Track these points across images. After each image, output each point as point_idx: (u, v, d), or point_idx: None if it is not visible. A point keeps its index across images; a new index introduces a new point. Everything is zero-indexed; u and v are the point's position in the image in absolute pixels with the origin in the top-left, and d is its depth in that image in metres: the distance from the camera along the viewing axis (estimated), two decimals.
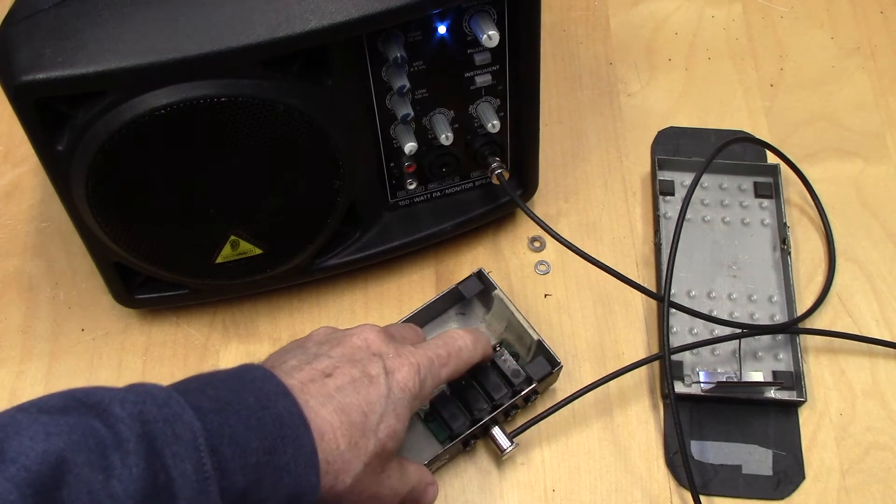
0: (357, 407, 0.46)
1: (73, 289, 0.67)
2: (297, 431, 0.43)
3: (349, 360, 0.49)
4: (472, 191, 0.66)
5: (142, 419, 0.39)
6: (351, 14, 0.50)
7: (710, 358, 0.64)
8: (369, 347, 0.50)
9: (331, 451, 0.44)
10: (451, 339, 0.54)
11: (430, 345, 0.53)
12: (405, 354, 0.50)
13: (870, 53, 0.79)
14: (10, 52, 0.48)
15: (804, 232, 0.70)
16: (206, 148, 0.52)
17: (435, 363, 0.51)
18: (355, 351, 0.50)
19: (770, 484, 0.60)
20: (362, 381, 0.48)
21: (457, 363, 0.53)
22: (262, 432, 0.42)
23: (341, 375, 0.47)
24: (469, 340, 0.54)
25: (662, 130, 0.74)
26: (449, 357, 0.52)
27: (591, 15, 0.80)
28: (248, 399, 0.43)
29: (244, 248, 0.59)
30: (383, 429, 0.47)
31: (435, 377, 0.51)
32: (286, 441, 0.43)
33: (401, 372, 0.49)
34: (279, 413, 0.43)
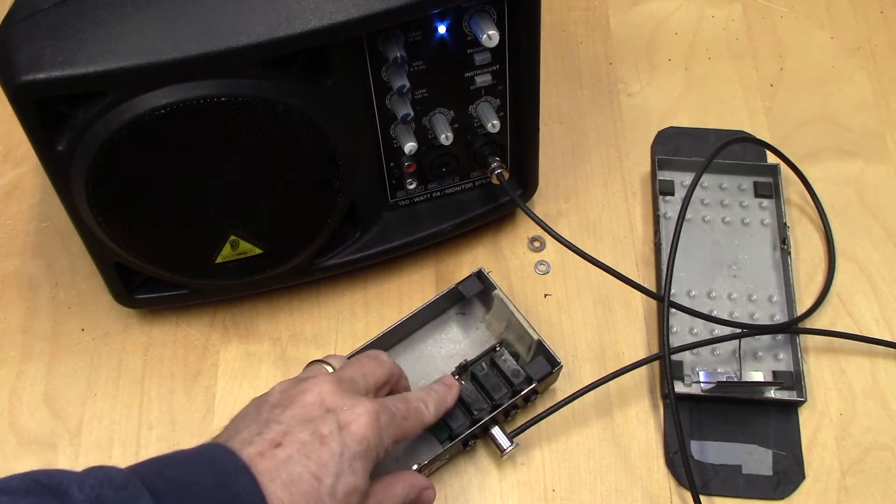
0: (308, 474, 0.45)
1: (73, 289, 0.67)
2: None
3: (300, 421, 0.47)
4: (472, 191, 0.66)
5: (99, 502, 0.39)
6: (351, 14, 0.50)
7: (710, 358, 0.64)
8: (323, 403, 0.49)
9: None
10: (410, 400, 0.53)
11: (390, 399, 0.52)
12: (361, 404, 0.49)
13: (870, 53, 0.79)
14: (10, 52, 0.48)
15: (804, 232, 0.70)
16: (206, 148, 0.52)
17: (396, 415, 0.50)
18: (308, 409, 0.48)
19: (770, 484, 0.60)
20: (313, 445, 0.46)
21: (414, 422, 0.52)
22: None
23: (291, 443, 0.46)
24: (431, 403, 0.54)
25: (662, 130, 0.74)
26: (408, 412, 0.52)
27: (591, 15, 0.80)
28: (207, 480, 0.43)
29: (244, 248, 0.59)
30: (341, 489, 0.46)
31: (396, 429, 0.50)
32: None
33: (357, 423, 0.47)
34: (238, 493, 0.43)
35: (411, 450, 0.60)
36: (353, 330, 0.65)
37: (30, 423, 0.62)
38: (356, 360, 0.54)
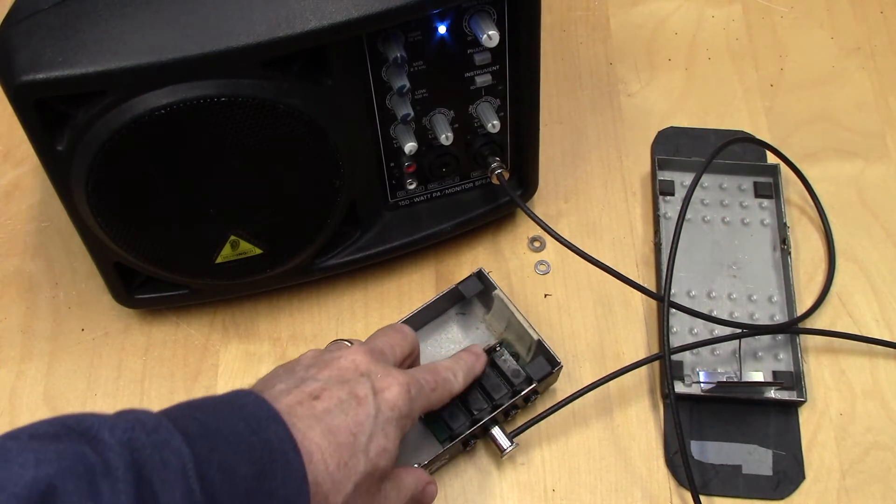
0: (345, 428, 0.46)
1: (73, 289, 0.67)
2: (286, 457, 0.43)
3: (337, 381, 0.49)
4: (472, 191, 0.66)
5: (131, 446, 0.39)
6: (351, 14, 0.50)
7: (710, 358, 0.64)
8: (357, 368, 0.50)
9: (319, 472, 0.44)
10: (438, 370, 0.54)
11: (420, 370, 0.53)
12: (393, 374, 0.50)
13: (870, 53, 0.79)
14: (10, 52, 0.48)
15: (804, 232, 0.70)
16: (206, 148, 0.52)
17: (424, 386, 0.52)
18: (343, 372, 0.50)
19: (770, 484, 0.60)
20: (350, 403, 0.47)
21: (442, 392, 0.54)
22: (251, 458, 0.42)
23: (329, 398, 0.47)
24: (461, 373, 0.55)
25: (662, 130, 0.74)
26: (437, 384, 0.53)
27: (591, 15, 0.80)
28: (238, 425, 0.43)
29: (244, 248, 0.59)
30: (373, 448, 0.47)
31: (425, 399, 0.52)
32: (275, 466, 0.42)
33: (390, 391, 0.49)
34: (269, 438, 0.43)
35: (411, 450, 0.60)
36: (353, 330, 0.65)
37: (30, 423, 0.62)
38: (382, 332, 0.56)
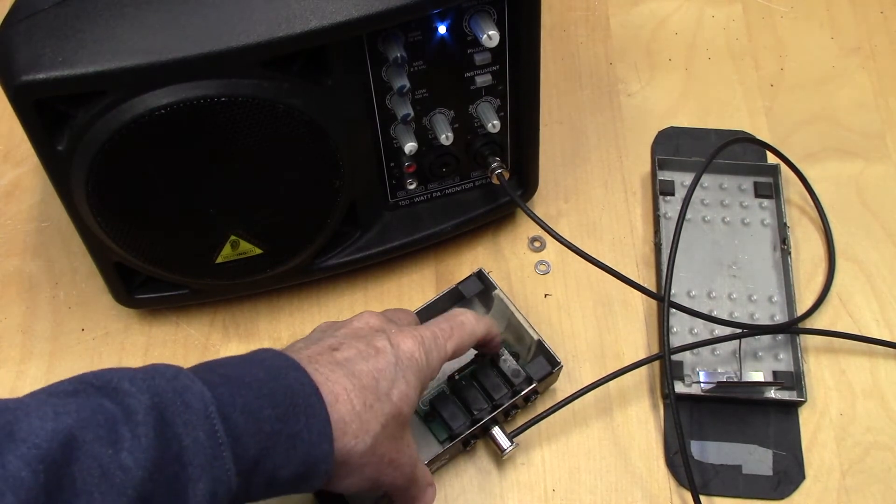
0: (368, 373, 0.47)
1: (73, 289, 0.67)
2: (308, 400, 0.44)
3: (353, 337, 0.50)
4: (472, 191, 0.66)
5: (151, 392, 0.39)
6: (351, 14, 0.50)
7: (710, 358, 0.64)
8: (371, 326, 0.52)
9: (346, 412, 0.45)
10: (453, 314, 0.55)
11: (431, 322, 0.54)
12: (407, 329, 0.51)
13: (870, 53, 0.79)
14: (10, 52, 0.48)
15: (804, 232, 0.70)
16: (206, 148, 0.52)
17: (439, 336, 0.52)
18: (358, 330, 0.51)
19: (770, 484, 0.60)
20: (369, 352, 0.49)
21: (461, 336, 0.53)
22: (273, 401, 0.43)
23: (348, 349, 0.49)
24: (471, 315, 0.55)
25: (662, 130, 0.74)
26: (452, 330, 0.53)
27: (591, 15, 0.80)
28: (259, 373, 0.44)
29: (244, 248, 0.59)
30: (396, 393, 0.48)
31: (440, 350, 0.52)
32: (298, 410, 0.43)
33: (405, 343, 0.50)
34: (290, 384, 0.44)
35: None
36: None
37: None
38: (387, 311, 0.57)
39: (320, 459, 0.44)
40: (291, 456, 0.43)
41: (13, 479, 0.34)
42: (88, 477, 0.36)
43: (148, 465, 0.37)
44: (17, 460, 0.34)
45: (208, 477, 0.39)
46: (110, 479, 0.36)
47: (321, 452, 0.44)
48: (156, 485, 0.38)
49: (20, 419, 0.36)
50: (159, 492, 0.38)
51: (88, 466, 0.36)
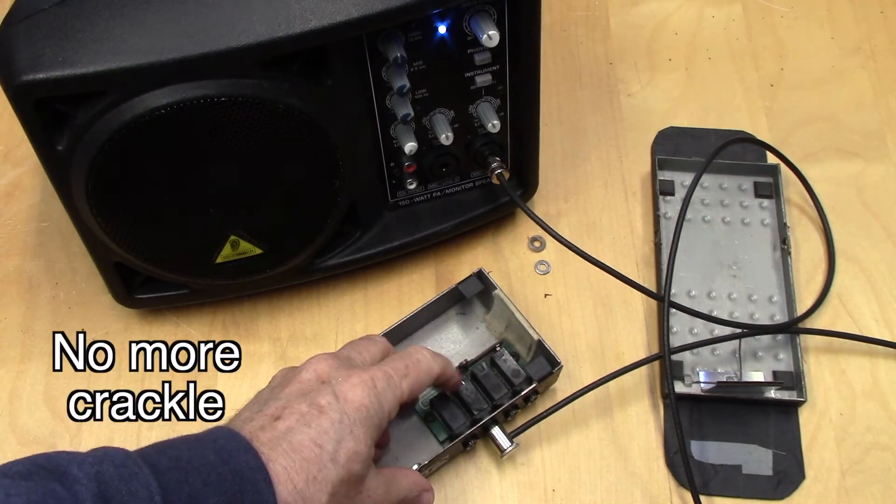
0: (309, 442, 0.46)
1: (73, 289, 0.67)
2: (257, 486, 0.43)
3: (298, 396, 0.49)
4: (472, 191, 0.66)
5: (98, 479, 0.40)
6: (351, 14, 0.50)
7: (710, 358, 0.64)
8: (319, 377, 0.50)
9: (288, 493, 0.44)
10: (409, 353, 0.54)
11: (386, 361, 0.53)
12: (356, 374, 0.50)
13: (870, 53, 0.79)
14: (10, 52, 0.48)
15: (804, 232, 0.70)
16: (207, 148, 0.52)
17: (393, 376, 0.51)
18: (304, 385, 0.50)
19: (770, 484, 0.60)
20: (311, 414, 0.47)
21: (416, 374, 0.52)
22: (221, 488, 0.42)
23: (289, 415, 0.47)
24: (427, 353, 0.54)
25: (662, 130, 0.74)
26: (407, 369, 0.52)
27: (591, 15, 0.80)
28: (209, 456, 0.43)
29: (244, 248, 0.59)
30: (343, 454, 0.46)
31: (395, 390, 0.50)
32: (246, 496, 0.43)
33: (353, 392, 0.48)
34: (240, 468, 0.43)
35: (411, 450, 0.60)
36: (353, 330, 0.65)
37: (30, 423, 0.62)
38: (350, 343, 0.56)
39: None
40: None
41: None
42: None
43: None
44: None
45: None
46: None
47: None
48: None
49: None
50: None
51: None
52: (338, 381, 0.49)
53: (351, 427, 0.47)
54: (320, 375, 0.50)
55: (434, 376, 0.54)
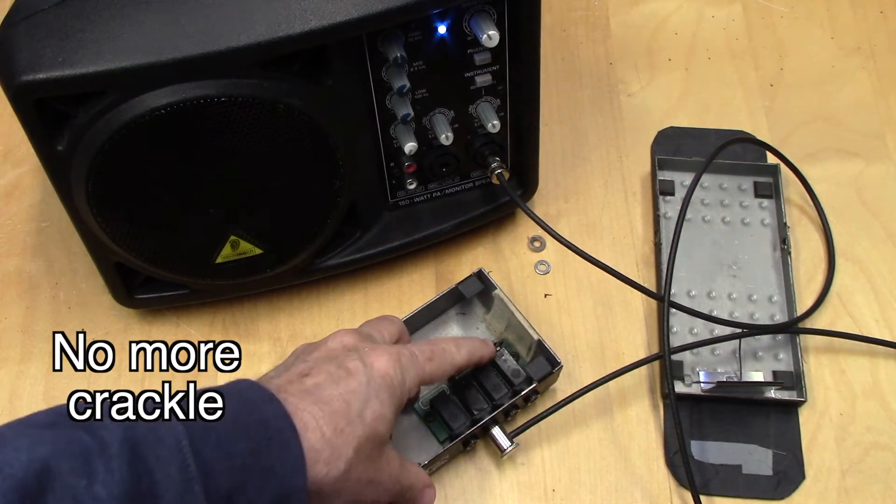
0: (338, 397, 0.47)
1: (73, 289, 0.67)
2: (282, 434, 0.44)
3: (325, 359, 0.50)
4: (472, 191, 0.66)
5: (126, 425, 0.40)
6: (351, 14, 0.50)
7: (710, 358, 0.64)
8: (345, 346, 0.51)
9: (316, 439, 0.45)
10: (435, 341, 0.55)
11: (413, 344, 0.54)
12: (382, 347, 0.51)
13: (870, 53, 0.79)
14: (10, 52, 0.48)
15: (804, 232, 0.70)
16: (207, 148, 0.52)
17: (418, 356, 0.52)
18: (331, 352, 0.51)
19: (770, 484, 0.60)
20: (340, 374, 0.48)
21: (441, 361, 0.53)
22: (247, 435, 0.43)
23: (318, 373, 0.48)
24: (452, 345, 0.55)
25: (662, 130, 0.74)
26: (433, 353, 0.53)
27: (591, 15, 0.80)
28: (234, 405, 0.44)
29: (244, 248, 0.59)
30: (369, 413, 0.47)
31: (419, 369, 0.52)
32: (272, 443, 0.43)
33: (379, 361, 0.50)
34: (264, 417, 0.44)
35: (411, 450, 0.60)
36: None
37: None
38: (368, 322, 0.57)
39: (294, 493, 0.44)
40: (264, 491, 0.43)
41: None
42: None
43: (121, 497, 0.38)
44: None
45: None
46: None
47: (294, 486, 0.44)
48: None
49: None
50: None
51: (62, 497, 0.36)
52: (364, 351, 0.50)
53: (377, 391, 0.48)
54: (346, 345, 0.51)
55: (458, 367, 0.55)
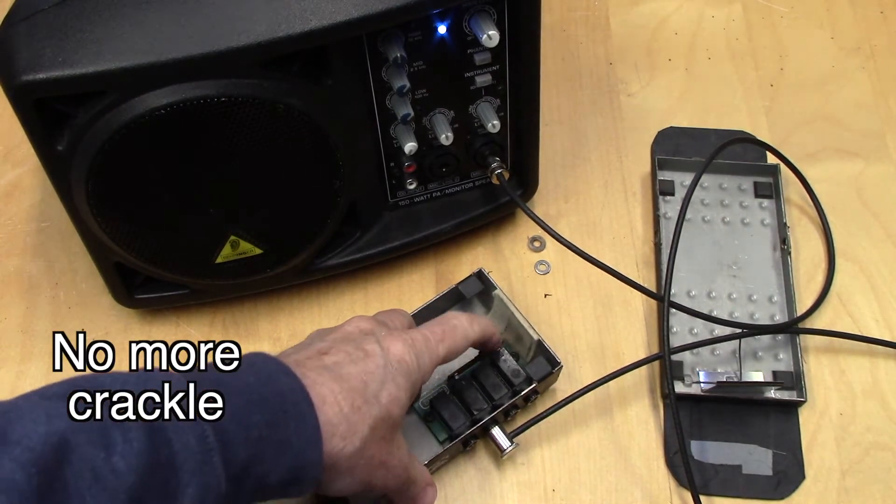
0: (356, 375, 0.47)
1: (73, 289, 0.67)
2: (298, 407, 0.44)
3: (343, 340, 0.50)
4: (472, 191, 0.66)
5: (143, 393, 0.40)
6: (351, 14, 0.50)
7: (710, 358, 0.64)
8: (362, 330, 0.52)
9: (334, 413, 0.45)
10: (446, 318, 0.55)
11: (424, 325, 0.54)
12: (397, 332, 0.51)
13: (870, 53, 0.79)
14: (10, 52, 0.48)
15: (804, 232, 0.70)
16: (207, 148, 0.52)
17: (430, 339, 0.52)
18: (348, 334, 0.51)
19: (770, 484, 0.60)
20: (358, 355, 0.49)
21: (453, 339, 0.53)
22: (263, 407, 0.43)
23: (337, 353, 0.49)
24: (464, 319, 0.55)
25: (662, 130, 0.74)
26: (444, 333, 0.53)
27: (591, 15, 0.80)
28: (250, 378, 0.44)
29: (244, 248, 0.59)
30: (385, 395, 0.48)
31: (432, 353, 0.52)
32: (288, 416, 0.43)
33: (395, 346, 0.50)
34: (281, 390, 0.44)
35: (411, 450, 0.59)
36: None
37: None
38: (380, 312, 0.58)
39: (309, 466, 0.44)
40: (280, 462, 0.43)
41: (6, 482, 0.34)
42: (81, 480, 0.36)
43: (139, 469, 0.38)
44: (10, 463, 0.34)
45: (198, 482, 0.40)
46: (102, 482, 0.37)
47: (310, 459, 0.44)
48: (146, 489, 0.38)
49: (13, 421, 0.36)
50: (150, 495, 0.38)
51: (81, 470, 0.36)
52: (381, 335, 0.51)
53: (393, 374, 0.49)
54: (363, 328, 0.52)
55: (471, 341, 0.55)
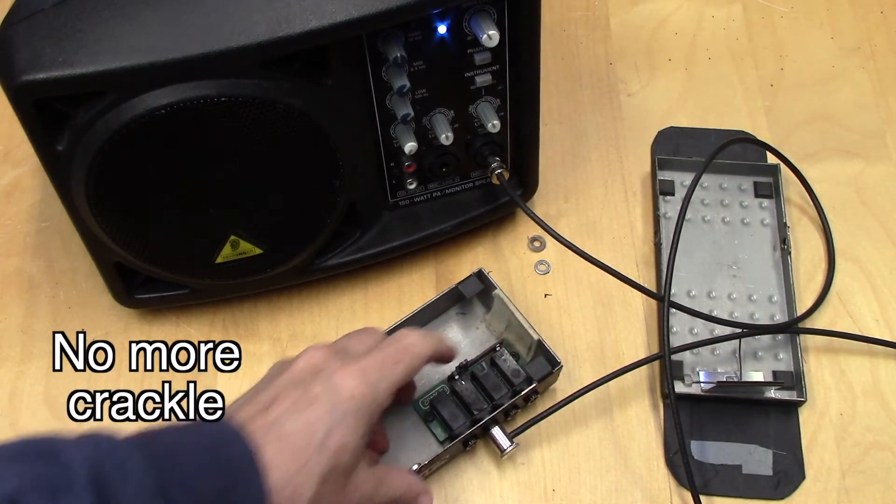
0: (300, 430, 0.46)
1: (73, 289, 0.67)
2: (247, 474, 0.44)
3: (290, 385, 0.49)
4: (472, 191, 0.66)
5: (91, 462, 0.39)
6: (351, 14, 0.50)
7: (710, 358, 0.64)
8: (313, 367, 0.50)
9: (279, 478, 0.45)
10: (399, 337, 0.53)
11: (378, 348, 0.53)
12: (350, 364, 0.50)
13: (870, 53, 0.79)
14: (10, 52, 0.48)
15: (804, 232, 0.70)
16: (207, 148, 0.52)
17: (386, 363, 0.51)
18: (297, 374, 0.50)
19: (770, 484, 0.60)
20: (303, 402, 0.48)
21: (410, 359, 0.52)
22: (214, 473, 0.43)
23: (281, 403, 0.48)
24: (416, 336, 0.54)
25: (662, 130, 0.74)
26: (398, 354, 0.52)
27: (591, 15, 0.80)
28: (202, 441, 0.44)
29: (244, 248, 0.59)
30: (333, 443, 0.47)
31: (388, 379, 0.50)
32: (238, 483, 0.43)
33: (345, 382, 0.49)
34: (232, 455, 0.44)
35: (411, 450, 0.60)
36: (353, 330, 0.65)
37: (30, 423, 0.62)
38: (348, 334, 0.56)
39: None
40: None
41: None
42: None
43: None
44: None
45: None
46: None
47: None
48: None
49: None
50: None
51: None
52: (331, 372, 0.49)
53: (343, 417, 0.48)
54: (314, 365, 0.50)
55: (426, 358, 0.54)
